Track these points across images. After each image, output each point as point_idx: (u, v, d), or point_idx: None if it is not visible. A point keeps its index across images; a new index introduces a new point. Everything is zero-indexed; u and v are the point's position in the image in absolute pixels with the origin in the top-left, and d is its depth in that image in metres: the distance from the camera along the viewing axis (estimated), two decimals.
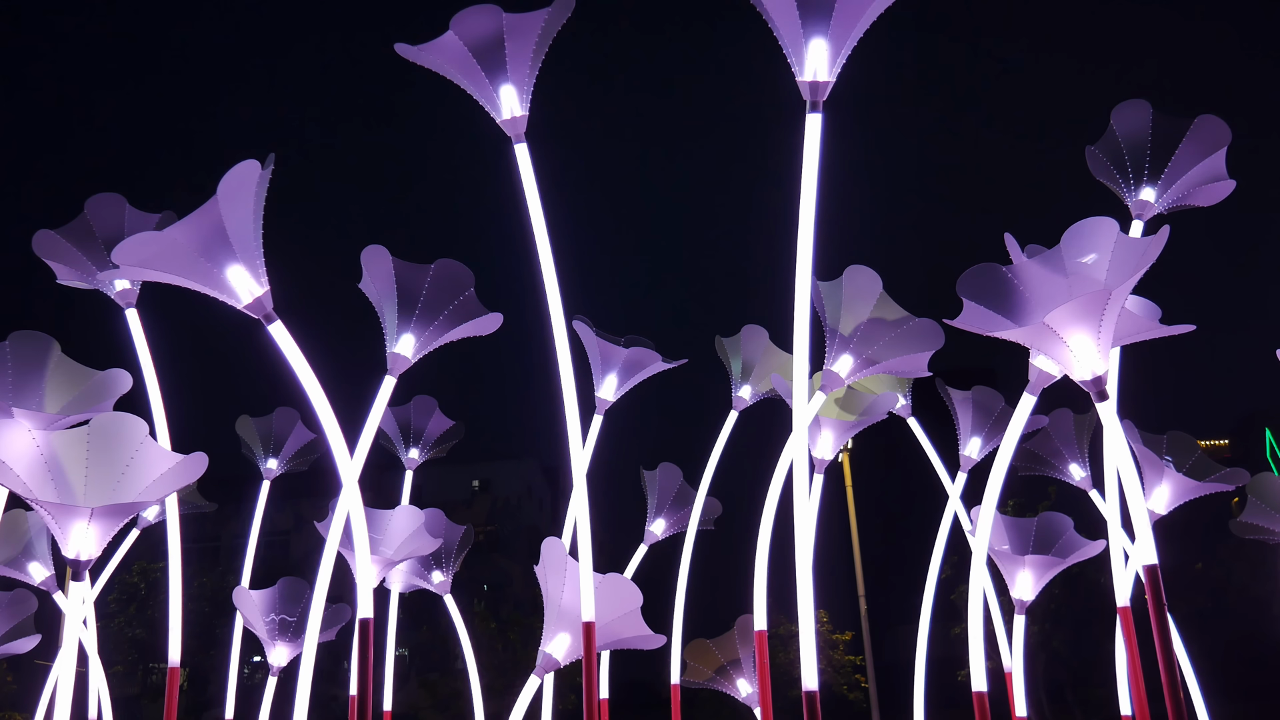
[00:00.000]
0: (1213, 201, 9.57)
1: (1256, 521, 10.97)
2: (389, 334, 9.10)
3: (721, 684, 13.53)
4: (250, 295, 7.47)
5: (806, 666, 6.88)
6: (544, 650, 8.83)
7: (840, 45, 7.08)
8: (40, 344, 8.80)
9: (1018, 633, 10.85)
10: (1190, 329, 7.65)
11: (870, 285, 9.31)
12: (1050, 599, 30.68)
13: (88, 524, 6.81)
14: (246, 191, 7.24)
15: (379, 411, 8.97)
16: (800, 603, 7.15)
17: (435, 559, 13.17)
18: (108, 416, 7.39)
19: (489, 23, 8.32)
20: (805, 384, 7.56)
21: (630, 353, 11.46)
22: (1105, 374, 6.97)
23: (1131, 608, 9.53)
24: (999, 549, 10.86)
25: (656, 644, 9.09)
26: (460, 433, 14.66)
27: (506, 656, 36.24)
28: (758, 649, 10.14)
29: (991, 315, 7.19)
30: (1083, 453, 11.97)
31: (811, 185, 7.15)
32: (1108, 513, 10.01)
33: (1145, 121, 9.67)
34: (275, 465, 14.31)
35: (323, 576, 8.71)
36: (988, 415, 11.74)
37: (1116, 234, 7.10)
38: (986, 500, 9.47)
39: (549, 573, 8.78)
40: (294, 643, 12.32)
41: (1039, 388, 9.18)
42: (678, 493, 14.01)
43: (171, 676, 10.34)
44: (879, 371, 9.35)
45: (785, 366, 11.60)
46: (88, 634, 11.97)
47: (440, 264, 9.24)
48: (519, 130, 8.53)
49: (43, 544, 11.18)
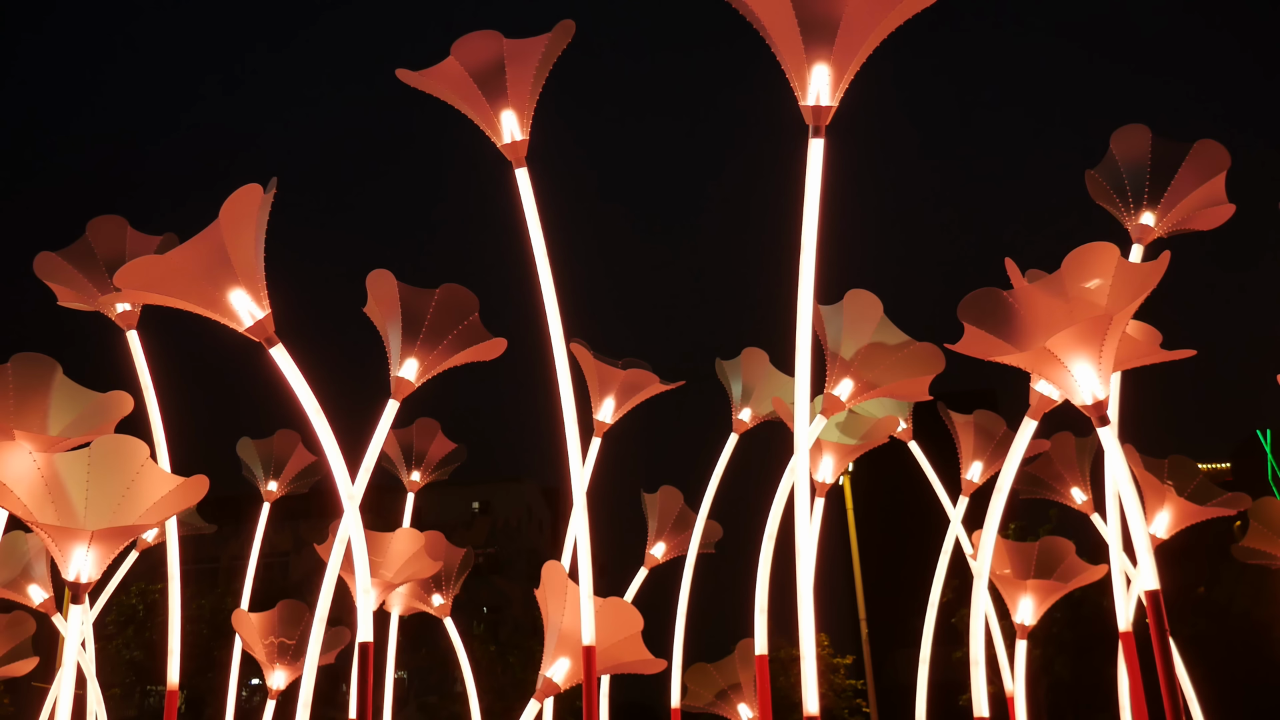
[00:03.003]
0: (1213, 225, 9.60)
1: (1259, 546, 10.93)
2: (393, 358, 9.11)
3: (722, 708, 13.47)
4: (252, 319, 7.48)
5: (808, 691, 6.86)
6: (544, 674, 8.79)
7: (843, 70, 7.12)
8: (42, 366, 8.81)
9: (1019, 657, 10.81)
10: (1191, 354, 7.66)
11: (871, 309, 9.33)
12: (1052, 623, 30.54)
13: (88, 547, 6.80)
14: (249, 215, 7.26)
15: (381, 436, 8.97)
16: (801, 626, 7.14)
17: (435, 582, 13.13)
18: (109, 439, 7.39)
19: (490, 48, 8.36)
20: (806, 407, 7.57)
21: (628, 374, 11.46)
22: (1106, 398, 6.97)
23: (1133, 632, 9.50)
24: (1000, 573, 10.84)
25: (657, 668, 9.07)
26: (462, 455, 14.65)
27: (506, 679, 36.07)
28: (758, 673, 10.09)
29: (993, 340, 7.20)
30: (1084, 476, 11.95)
31: (814, 209, 7.18)
32: (1109, 537, 9.99)
33: (1145, 146, 9.71)
34: (276, 487, 14.29)
35: (323, 599, 8.69)
36: (989, 439, 11.72)
37: (1117, 259, 7.12)
38: (988, 524, 9.46)
39: (549, 596, 8.76)
40: (293, 665, 12.28)
41: (1040, 412, 9.18)
42: (678, 516, 13.97)
43: (170, 699, 10.31)
44: (880, 395, 9.35)
45: (786, 389, 11.59)
46: (86, 656, 11.93)
47: (445, 289, 9.26)
48: (520, 155, 8.55)
49: (41, 566, 11.17)
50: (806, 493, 7.76)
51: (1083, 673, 32.04)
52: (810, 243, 7.25)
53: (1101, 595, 24.76)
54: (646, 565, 13.82)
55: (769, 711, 10.36)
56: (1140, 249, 9.60)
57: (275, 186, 7.27)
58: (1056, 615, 29.57)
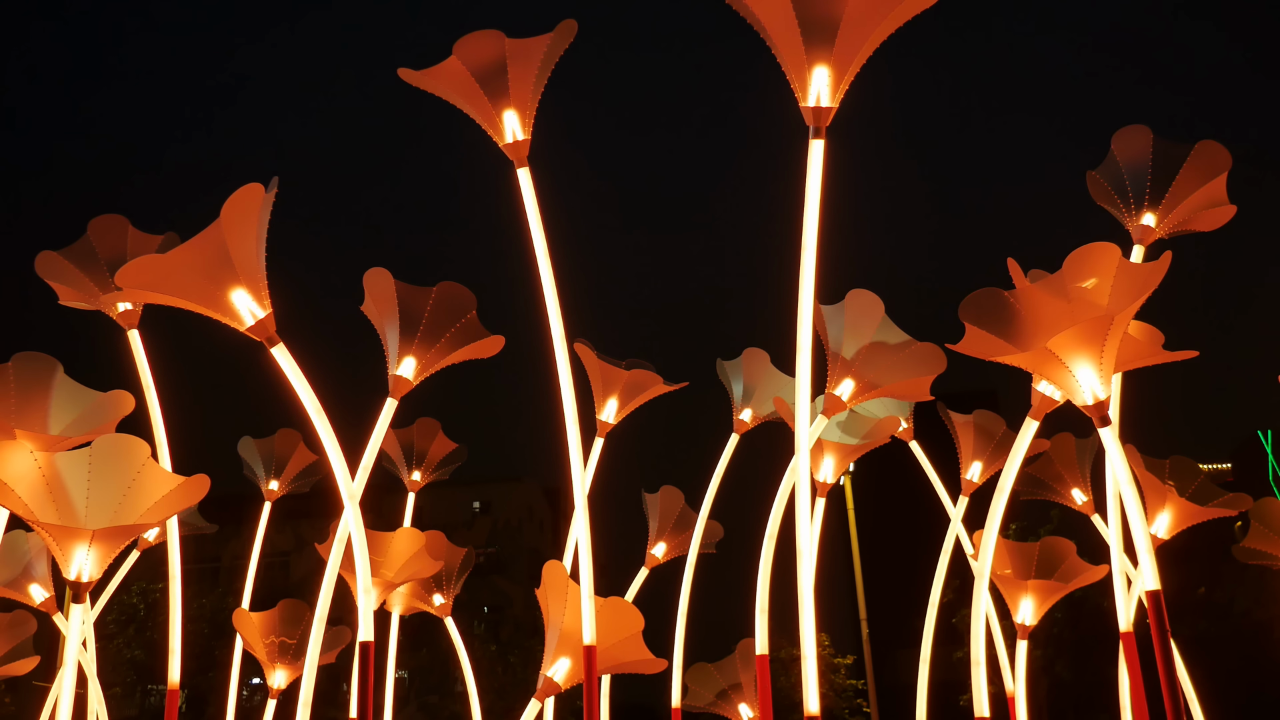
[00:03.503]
0: (1214, 226, 9.59)
1: (1259, 546, 10.93)
2: (390, 357, 9.10)
3: (723, 708, 13.47)
4: (253, 318, 7.47)
5: (808, 690, 6.86)
6: (545, 674, 8.79)
7: (843, 71, 7.12)
8: (43, 365, 8.81)
9: (1020, 657, 10.81)
10: (1193, 355, 7.65)
11: (872, 309, 9.33)
12: (1052, 623, 30.54)
13: (89, 546, 6.80)
14: (250, 215, 7.25)
15: (380, 434, 8.97)
16: (802, 626, 7.15)
17: (436, 581, 13.13)
18: (110, 438, 7.39)
19: (492, 48, 8.36)
20: (807, 407, 7.56)
21: (631, 375, 11.46)
22: (1108, 399, 6.97)
23: (1134, 632, 9.49)
24: (1001, 573, 10.84)
25: (658, 668, 9.07)
26: (463, 455, 14.64)
27: (507, 679, 36.09)
28: (759, 673, 10.10)
29: (994, 340, 7.20)
30: (1084, 477, 11.94)
31: (814, 209, 7.18)
32: (1110, 537, 9.99)
33: (1146, 147, 9.70)
34: (277, 486, 14.30)
35: (323, 598, 8.70)
36: (989, 439, 11.72)
37: (1119, 259, 7.11)
38: (989, 524, 9.46)
39: (550, 596, 8.76)
40: (294, 665, 12.28)
41: (1042, 412, 9.18)
42: (679, 516, 13.96)
43: (171, 698, 10.32)
44: (881, 395, 9.35)
45: (787, 389, 11.59)
46: (87, 655, 11.94)
47: (442, 287, 9.25)
48: (521, 154, 8.55)
49: (43, 565, 11.17)
50: (807, 493, 7.77)
51: (1083, 673, 32.04)
52: (811, 243, 7.25)
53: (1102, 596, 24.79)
54: (647, 565, 13.82)
55: (769, 711, 10.36)
56: (1141, 250, 9.60)
57: (276, 186, 7.26)
58: (1057, 615, 29.57)
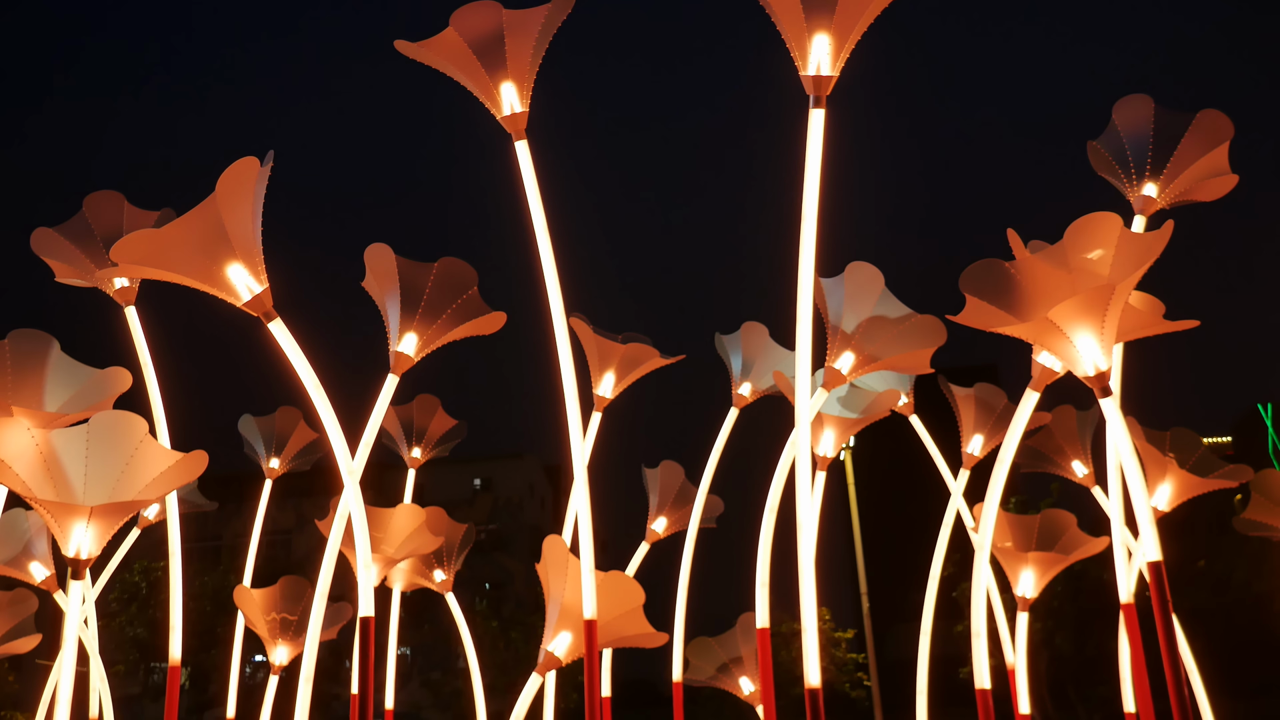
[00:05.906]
0: (1216, 196, 9.54)
1: (1260, 518, 10.93)
2: (392, 333, 9.07)
3: (724, 682, 13.50)
4: (250, 293, 7.44)
5: (809, 664, 6.86)
6: (546, 648, 8.80)
7: (844, 39, 7.05)
8: (39, 342, 8.78)
9: (1020, 630, 10.82)
10: (1194, 325, 7.62)
11: (872, 281, 9.28)
12: (1053, 596, 30.64)
13: (87, 523, 6.79)
14: (246, 188, 7.21)
15: (381, 411, 8.94)
16: (803, 600, 7.13)
17: (437, 557, 13.14)
18: (107, 415, 7.36)
19: (489, 19, 8.28)
20: (807, 381, 7.53)
21: (628, 349, 11.43)
22: (1109, 370, 6.94)
23: (1135, 605, 9.50)
24: (1002, 546, 10.83)
25: (659, 642, 9.06)
26: (463, 432, 14.62)
27: (508, 655, 36.24)
28: (760, 647, 10.10)
29: (994, 311, 7.16)
30: (1085, 449, 11.92)
31: (814, 181, 7.13)
32: (1111, 510, 9.98)
33: (1147, 116, 9.63)
34: (277, 464, 14.29)
35: (324, 575, 8.69)
36: (990, 412, 11.69)
37: (1120, 229, 7.07)
38: (989, 497, 9.45)
39: (550, 571, 8.75)
40: (295, 642, 12.30)
41: (1043, 384, 9.15)
42: (679, 490, 13.96)
43: (172, 676, 10.32)
44: (881, 368, 9.32)
45: (786, 363, 11.56)
46: (89, 633, 11.96)
47: (444, 262, 9.20)
48: (519, 127, 8.48)
49: (43, 543, 11.17)
50: (807, 467, 7.74)
51: (1084, 645, 32.20)
52: (811, 215, 7.20)
53: (1103, 568, 24.86)
54: (648, 540, 13.83)
55: (770, 685, 10.38)
56: (1143, 220, 9.55)
57: (272, 159, 7.21)
58: (1058, 588, 29.66)
